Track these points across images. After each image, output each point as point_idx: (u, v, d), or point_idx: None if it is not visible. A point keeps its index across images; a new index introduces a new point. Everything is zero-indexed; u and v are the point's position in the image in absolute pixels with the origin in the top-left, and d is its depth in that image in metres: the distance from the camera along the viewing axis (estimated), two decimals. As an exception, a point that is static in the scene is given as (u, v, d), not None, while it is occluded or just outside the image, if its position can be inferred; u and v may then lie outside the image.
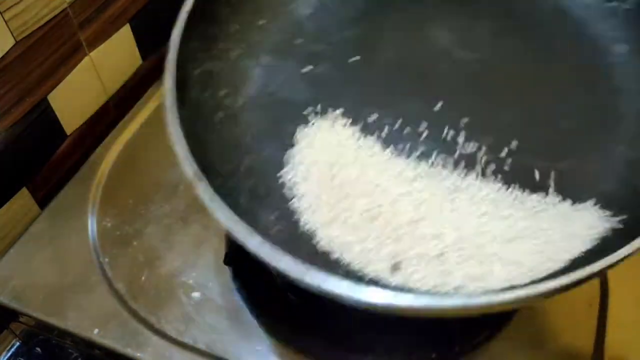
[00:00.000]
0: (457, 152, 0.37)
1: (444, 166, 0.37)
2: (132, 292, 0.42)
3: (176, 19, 0.37)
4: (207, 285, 0.43)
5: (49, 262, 0.45)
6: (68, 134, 0.52)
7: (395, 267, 0.33)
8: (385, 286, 0.32)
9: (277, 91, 0.41)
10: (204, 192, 0.31)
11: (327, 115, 0.39)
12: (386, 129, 0.38)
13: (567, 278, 0.27)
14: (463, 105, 0.39)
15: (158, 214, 0.47)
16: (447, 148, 0.37)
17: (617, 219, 0.33)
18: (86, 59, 0.52)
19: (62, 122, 0.51)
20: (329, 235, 0.34)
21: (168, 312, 0.41)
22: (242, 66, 0.41)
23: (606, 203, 0.34)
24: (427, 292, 0.31)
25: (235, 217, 0.30)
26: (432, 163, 0.37)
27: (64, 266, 0.44)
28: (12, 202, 0.47)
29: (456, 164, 0.37)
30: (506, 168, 0.36)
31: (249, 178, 0.37)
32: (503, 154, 0.37)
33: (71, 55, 0.50)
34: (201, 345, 0.40)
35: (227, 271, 0.43)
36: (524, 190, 0.35)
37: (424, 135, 0.38)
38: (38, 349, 0.47)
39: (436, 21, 0.43)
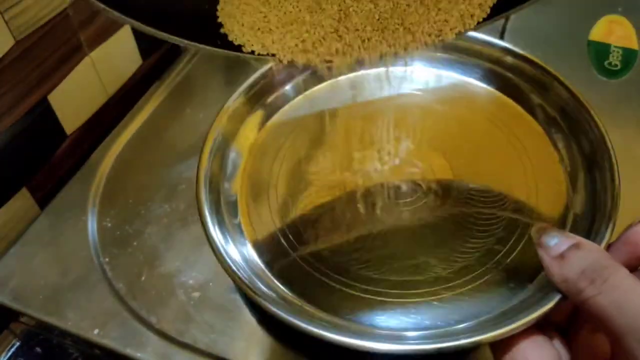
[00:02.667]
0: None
1: None
2: (132, 292, 0.42)
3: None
4: (207, 285, 0.43)
5: (49, 262, 0.45)
6: (68, 134, 0.52)
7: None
8: None
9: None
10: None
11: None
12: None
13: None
14: None
15: (158, 214, 0.47)
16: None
17: None
18: (86, 59, 0.52)
19: (62, 122, 0.51)
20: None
21: (168, 312, 0.41)
22: None
23: None
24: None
25: None
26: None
27: (64, 266, 0.44)
28: (12, 202, 0.47)
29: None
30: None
31: None
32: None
33: (71, 55, 0.50)
34: (201, 345, 0.40)
35: (227, 271, 0.43)
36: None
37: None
38: (38, 349, 0.47)
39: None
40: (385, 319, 0.36)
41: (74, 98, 0.51)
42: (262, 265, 0.38)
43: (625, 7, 0.59)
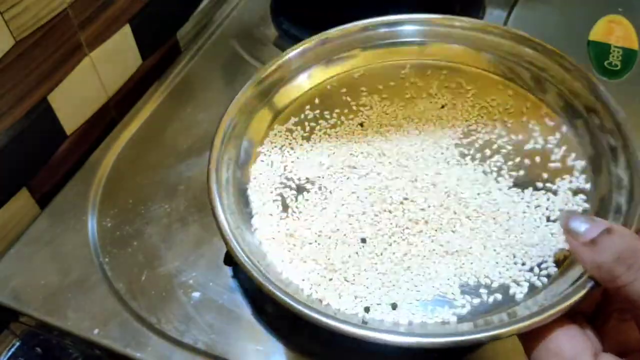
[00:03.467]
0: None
1: None
2: (132, 292, 0.42)
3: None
4: (207, 285, 0.43)
5: (49, 262, 0.45)
6: (68, 134, 0.52)
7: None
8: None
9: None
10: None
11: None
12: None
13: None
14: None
15: (158, 214, 0.47)
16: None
17: None
18: (86, 59, 0.52)
19: (62, 122, 0.51)
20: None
21: (168, 312, 0.41)
22: None
23: None
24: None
25: None
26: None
27: (64, 266, 0.44)
28: (12, 202, 0.47)
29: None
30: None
31: None
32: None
33: (71, 55, 0.50)
34: (201, 345, 0.40)
35: (227, 271, 0.43)
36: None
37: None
38: (38, 349, 0.47)
39: None
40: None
41: (74, 98, 0.51)
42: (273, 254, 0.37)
43: (625, 7, 0.59)
